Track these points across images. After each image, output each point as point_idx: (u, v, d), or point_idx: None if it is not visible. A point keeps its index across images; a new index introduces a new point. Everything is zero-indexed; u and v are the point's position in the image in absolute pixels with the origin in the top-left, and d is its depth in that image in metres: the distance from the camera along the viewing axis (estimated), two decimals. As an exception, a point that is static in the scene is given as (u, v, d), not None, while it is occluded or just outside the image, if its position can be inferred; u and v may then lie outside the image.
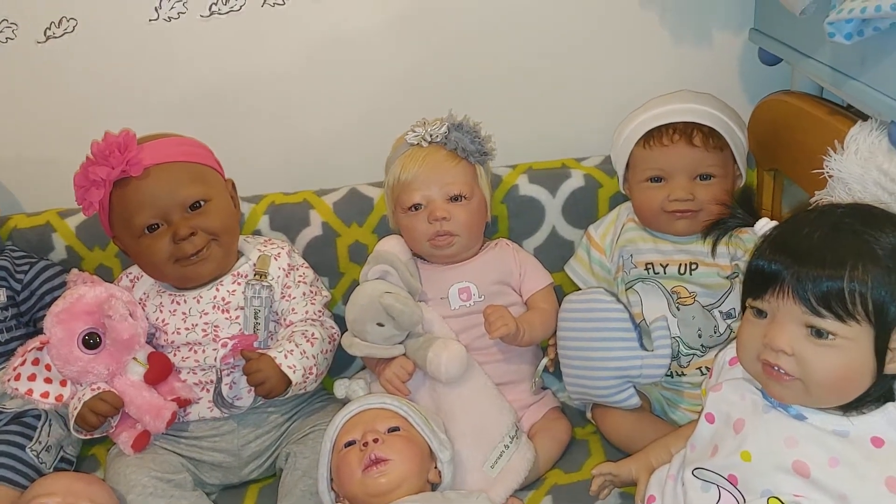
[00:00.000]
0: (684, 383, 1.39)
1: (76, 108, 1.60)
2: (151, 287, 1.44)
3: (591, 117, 1.64)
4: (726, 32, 1.61)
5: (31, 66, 1.58)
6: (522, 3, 1.58)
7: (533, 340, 1.43)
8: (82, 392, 1.33)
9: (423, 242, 1.43)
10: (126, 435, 1.35)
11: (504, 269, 1.47)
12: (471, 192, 1.42)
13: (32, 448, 1.39)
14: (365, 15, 1.57)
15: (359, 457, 1.20)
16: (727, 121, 1.40)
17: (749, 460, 0.99)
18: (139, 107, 1.57)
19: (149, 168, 1.33)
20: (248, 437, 1.39)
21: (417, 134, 1.43)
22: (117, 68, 1.58)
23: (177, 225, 1.34)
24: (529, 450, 1.35)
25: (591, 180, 1.57)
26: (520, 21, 1.59)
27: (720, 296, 1.39)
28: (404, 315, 1.33)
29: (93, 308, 1.34)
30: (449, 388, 1.35)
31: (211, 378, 1.38)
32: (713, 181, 1.38)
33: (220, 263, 1.40)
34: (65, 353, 1.32)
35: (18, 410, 1.43)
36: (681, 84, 1.51)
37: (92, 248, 1.57)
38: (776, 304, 0.95)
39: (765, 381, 0.99)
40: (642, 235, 1.45)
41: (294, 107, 1.63)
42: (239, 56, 1.59)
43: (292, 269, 1.46)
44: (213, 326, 1.39)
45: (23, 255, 1.51)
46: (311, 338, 1.38)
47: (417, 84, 1.62)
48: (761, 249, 0.99)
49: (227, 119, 1.61)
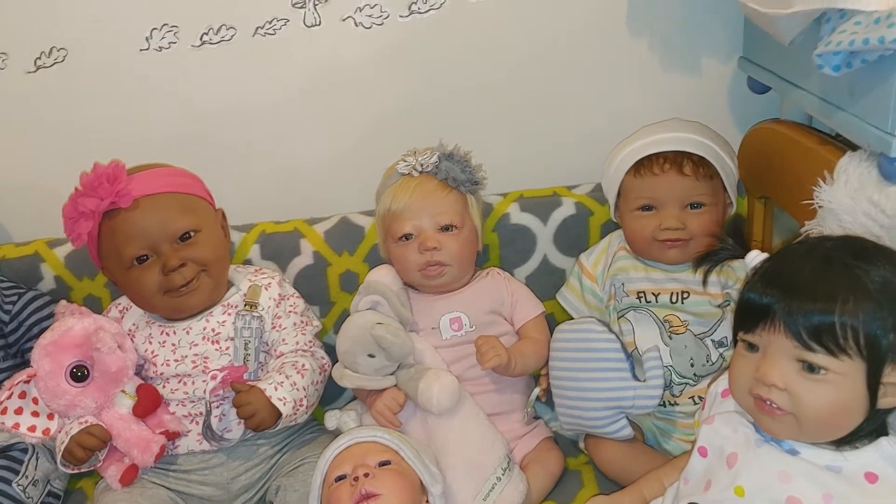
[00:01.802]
0: (677, 412, 1.38)
1: (66, 137, 1.59)
2: (141, 318, 1.43)
3: (581, 145, 1.64)
4: (715, 61, 1.62)
5: (20, 95, 1.57)
6: (513, 32, 1.59)
7: (525, 370, 1.42)
8: (70, 426, 1.32)
9: (414, 272, 1.42)
10: (114, 469, 1.34)
11: (495, 299, 1.46)
12: (462, 221, 1.42)
13: (19, 483, 1.37)
14: (356, 45, 1.58)
15: (349, 492, 1.19)
16: (717, 149, 1.41)
17: (743, 495, 0.98)
18: (129, 137, 1.57)
19: (138, 199, 1.33)
20: (238, 469, 1.38)
21: (408, 163, 1.43)
22: (107, 98, 1.58)
23: (166, 256, 1.33)
24: (522, 481, 1.33)
25: (583, 208, 1.57)
26: (510, 50, 1.60)
27: (712, 324, 1.38)
28: (395, 346, 1.32)
29: (81, 340, 1.33)
30: (441, 419, 1.34)
31: (200, 410, 1.37)
32: (704, 210, 1.38)
33: (210, 294, 1.39)
34: (52, 387, 1.31)
35: (5, 444, 1.41)
36: (671, 112, 1.52)
37: (81, 279, 1.56)
38: (767, 339, 0.95)
39: (757, 415, 0.99)
40: (634, 264, 1.45)
41: (285, 136, 1.63)
42: (230, 86, 1.59)
43: (283, 298, 1.45)
44: (203, 358, 1.38)
45: (11, 286, 1.50)
46: (301, 369, 1.37)
47: (408, 113, 1.62)
48: (752, 282, 0.99)
49: (217, 148, 1.61)
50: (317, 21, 1.56)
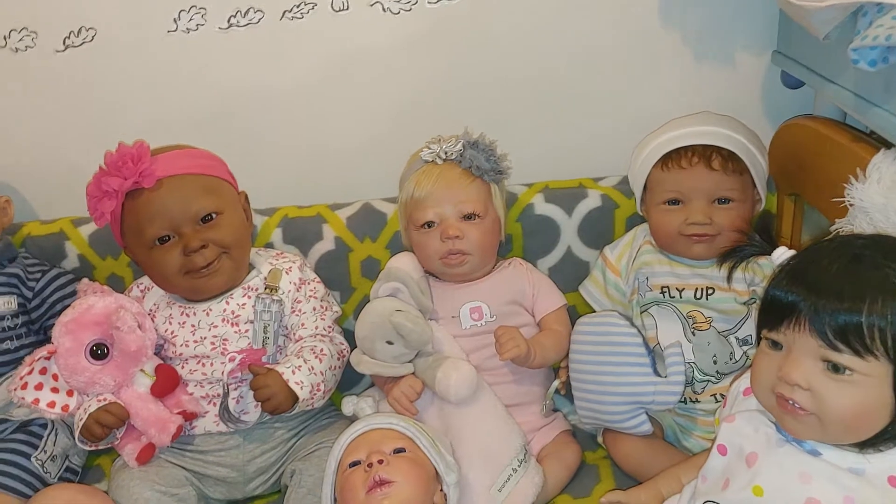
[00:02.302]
0: (698, 410, 1.36)
1: (92, 117, 1.60)
2: (162, 298, 1.43)
3: (609, 137, 1.62)
4: (749, 54, 1.59)
5: (49, 74, 1.58)
6: (542, 20, 1.57)
7: (544, 363, 1.41)
8: (88, 403, 1.33)
9: (436, 260, 1.41)
10: (131, 447, 1.35)
11: (517, 289, 1.45)
12: (484, 210, 1.41)
13: (38, 457, 1.39)
14: (383, 31, 1.57)
15: (363, 478, 1.19)
16: (747, 144, 1.38)
17: (761, 495, 0.96)
18: (154, 118, 1.57)
19: (161, 180, 1.33)
20: (254, 452, 1.38)
21: (432, 151, 1.42)
22: (134, 79, 1.59)
23: (188, 237, 1.34)
24: (538, 474, 1.32)
25: (609, 200, 1.55)
26: (539, 39, 1.58)
27: (737, 322, 1.36)
28: (414, 334, 1.32)
29: (101, 319, 1.33)
30: (458, 408, 1.33)
31: (218, 392, 1.37)
32: (732, 205, 1.36)
33: (230, 276, 1.39)
34: (72, 364, 1.32)
35: (25, 419, 1.43)
36: (701, 105, 1.50)
37: (104, 258, 1.57)
38: (792, 337, 0.93)
39: (779, 414, 0.97)
40: (659, 258, 1.43)
41: (310, 120, 1.63)
42: (256, 69, 1.59)
43: (303, 283, 1.45)
44: (222, 340, 1.38)
45: (35, 263, 1.51)
46: (319, 354, 1.36)
47: (433, 101, 1.61)
48: (778, 279, 0.97)
49: (242, 131, 1.61)
50: (345, 6, 1.55)
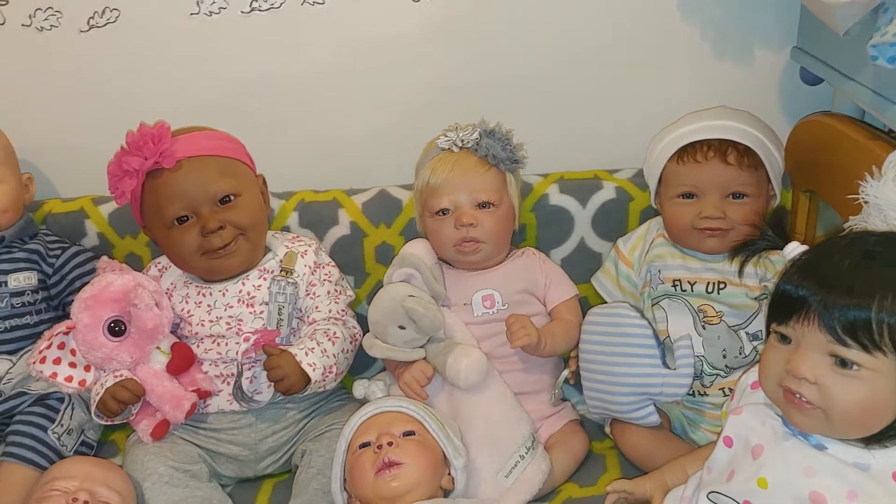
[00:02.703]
0: (706, 403, 1.37)
1: (114, 97, 1.62)
2: (179, 278, 1.45)
3: (625, 129, 1.63)
4: (768, 50, 1.59)
5: (72, 54, 1.60)
6: (561, 11, 1.57)
7: (555, 352, 1.42)
8: (105, 378, 1.35)
9: (449, 247, 1.42)
10: (146, 423, 1.37)
11: (529, 279, 1.46)
12: (499, 199, 1.42)
13: (54, 430, 1.41)
14: (403, 18, 1.58)
15: (372, 459, 1.20)
16: (764, 140, 1.38)
17: (765, 487, 0.97)
18: (175, 99, 1.59)
19: (181, 160, 1.35)
20: (266, 431, 1.40)
21: (449, 139, 1.42)
22: (156, 60, 1.60)
23: (206, 218, 1.35)
24: (545, 461, 1.34)
25: (623, 193, 1.56)
26: (558, 29, 1.59)
27: (747, 317, 1.37)
28: (426, 319, 1.33)
29: (119, 296, 1.35)
30: (467, 394, 1.34)
31: (232, 371, 1.39)
32: (746, 200, 1.36)
33: (247, 258, 1.41)
34: (90, 339, 1.34)
35: (42, 392, 1.46)
36: (719, 100, 1.49)
37: (123, 236, 1.59)
38: (801, 331, 0.93)
39: (786, 408, 0.97)
40: (671, 251, 1.43)
41: (328, 106, 1.64)
42: (276, 53, 1.60)
43: (318, 266, 1.46)
44: (237, 320, 1.40)
45: (56, 240, 1.54)
46: (332, 337, 1.38)
47: (451, 89, 1.62)
48: (789, 274, 0.97)
49: (261, 115, 1.63)
50: (366, -8, 1.56)
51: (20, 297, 1.46)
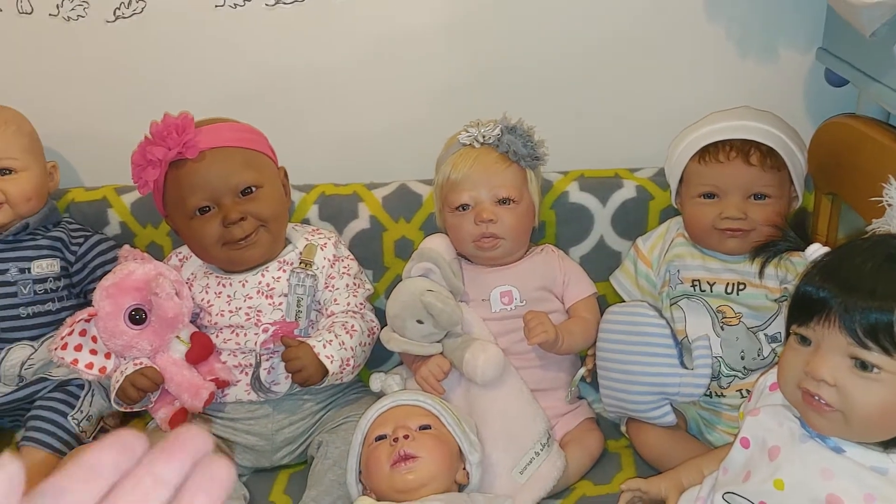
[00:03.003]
0: (723, 405, 1.37)
1: (139, 88, 1.63)
2: (199, 268, 1.46)
3: (647, 128, 1.62)
4: (793, 50, 1.58)
5: (98, 44, 1.61)
6: (586, 7, 1.57)
7: (572, 349, 1.42)
8: (125, 366, 1.36)
9: (469, 243, 1.43)
10: (164, 411, 1.38)
11: (548, 276, 1.46)
12: (519, 195, 1.42)
13: (74, 416, 1.43)
14: (427, 12, 1.58)
15: (388, 452, 1.21)
16: (787, 141, 1.37)
17: (782, 489, 0.97)
18: (199, 90, 1.59)
19: (204, 151, 1.36)
20: (283, 422, 1.41)
21: (470, 134, 1.43)
22: (181, 51, 1.61)
23: (227, 209, 1.36)
24: (560, 458, 1.34)
25: (643, 192, 1.55)
26: (582, 26, 1.58)
27: (767, 318, 1.36)
28: (444, 314, 1.33)
29: (141, 285, 1.36)
30: (484, 390, 1.35)
31: (250, 362, 1.40)
32: (768, 201, 1.35)
33: (267, 249, 1.42)
34: (111, 327, 1.35)
35: (63, 379, 1.47)
36: (742, 100, 1.48)
37: (145, 226, 1.60)
38: (821, 333, 0.93)
39: (804, 410, 0.97)
40: (691, 251, 1.43)
41: (351, 100, 1.65)
42: (300, 46, 1.61)
43: (337, 259, 1.47)
44: (256, 311, 1.41)
45: (78, 228, 1.55)
46: (350, 329, 1.39)
47: (474, 85, 1.62)
48: (810, 276, 0.97)
49: (283, 108, 1.63)
50: (390, -15, 1.57)
51: (43, 284, 1.48)
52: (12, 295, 1.46)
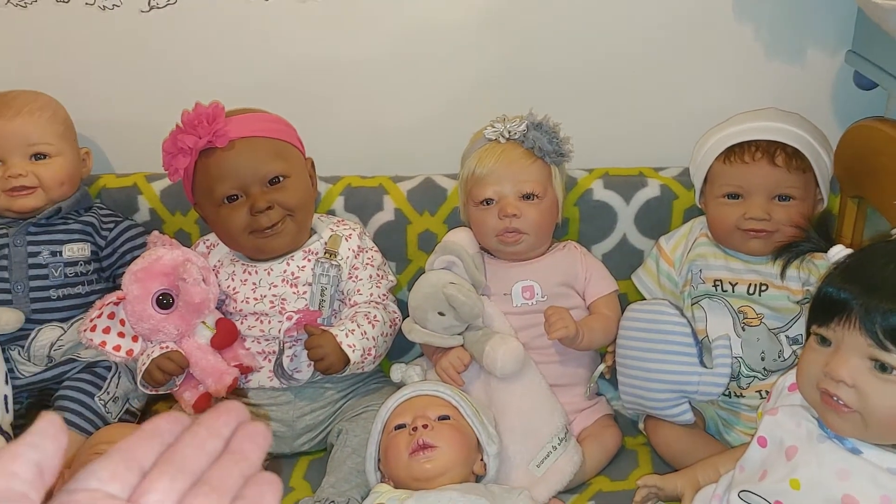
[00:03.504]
0: (742, 405, 1.37)
1: (171, 77, 1.65)
2: (226, 256, 1.49)
3: (673, 127, 1.62)
4: (822, 53, 1.57)
5: (133, 34, 1.64)
6: (614, 6, 1.57)
7: (591, 345, 1.43)
8: (151, 349, 1.39)
9: (492, 237, 1.44)
10: (188, 395, 1.40)
11: (569, 272, 1.47)
12: (543, 191, 1.43)
13: (101, 397, 1.46)
14: (456, 8, 1.59)
15: (407, 440, 1.23)
16: (813, 143, 1.37)
17: (798, 489, 0.97)
18: (230, 81, 1.61)
19: (234, 140, 1.38)
20: (304, 409, 1.43)
21: (496, 130, 1.44)
22: (213, 42, 1.63)
23: (255, 198, 1.38)
24: (577, 453, 1.35)
25: (668, 191, 1.56)
26: (609, 25, 1.59)
27: (788, 320, 1.36)
28: (465, 307, 1.35)
29: (169, 270, 1.39)
30: (503, 383, 1.36)
31: (273, 349, 1.42)
32: (792, 203, 1.35)
33: (293, 239, 1.44)
34: (139, 310, 1.38)
35: (91, 360, 1.50)
36: (770, 101, 1.49)
37: (174, 213, 1.62)
38: (841, 334, 0.93)
39: (822, 410, 0.97)
40: (714, 251, 1.43)
41: (378, 93, 1.66)
42: (330, 39, 1.62)
43: (362, 251, 1.49)
44: (281, 299, 1.43)
45: (109, 214, 1.58)
46: (372, 320, 1.40)
47: (501, 80, 1.63)
48: (832, 276, 0.97)
49: (312, 99, 1.65)
50: (420, -20, 1.58)
51: (73, 267, 1.51)
52: (44, 277, 1.49)
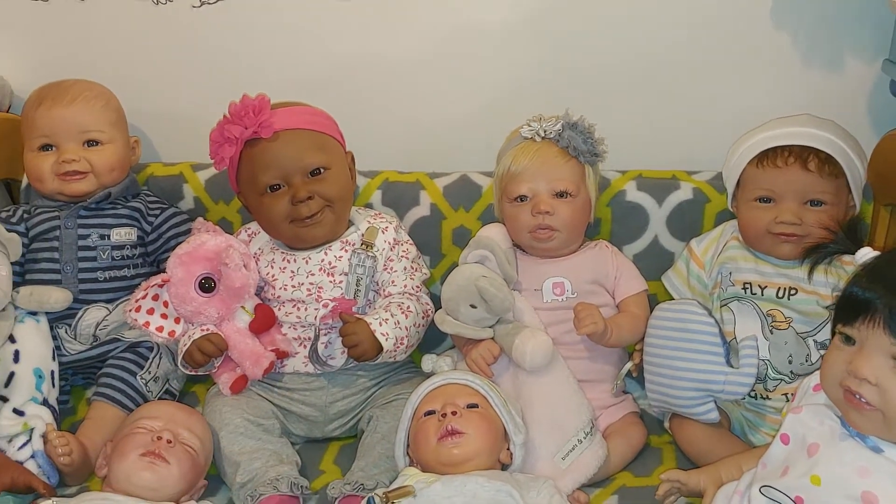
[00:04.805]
0: (768, 407, 1.38)
1: (219, 71, 1.71)
2: (266, 244, 1.53)
3: (708, 131, 1.64)
4: (859, 61, 1.58)
5: (184, 28, 1.70)
6: (652, 10, 1.60)
7: (620, 342, 1.45)
8: (192, 331, 1.44)
9: (525, 233, 1.47)
10: (226, 376, 1.45)
11: (600, 270, 1.49)
12: (577, 190, 1.45)
13: (143, 376, 1.51)
14: (495, 9, 1.62)
15: (436, 426, 1.26)
16: (846, 149, 1.38)
17: (818, 485, 0.99)
18: (276, 75, 1.66)
19: (278, 132, 1.42)
20: (336, 395, 1.47)
21: (532, 128, 1.47)
22: (261, 37, 1.69)
23: (296, 188, 1.43)
24: (602, 448, 1.37)
25: (700, 194, 1.58)
26: (647, 29, 1.61)
27: (817, 324, 1.37)
28: (497, 300, 1.38)
29: (212, 255, 1.44)
30: (531, 376, 1.38)
31: (309, 335, 1.46)
32: (823, 208, 1.36)
33: (331, 229, 1.48)
34: (182, 293, 1.43)
35: (134, 340, 1.55)
36: (805, 108, 1.49)
37: (217, 202, 1.68)
38: (865, 333, 0.95)
39: (845, 408, 0.99)
40: (744, 254, 1.44)
41: (417, 91, 1.70)
42: (372, 38, 1.67)
43: (397, 243, 1.53)
44: (318, 287, 1.47)
45: (155, 201, 1.64)
46: (406, 310, 1.44)
47: (537, 80, 1.66)
48: (858, 277, 0.99)
49: (353, 95, 1.69)
50: (463, -19, 1.61)
51: (120, 251, 1.57)
52: (92, 259, 1.55)
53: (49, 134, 1.56)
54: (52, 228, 1.56)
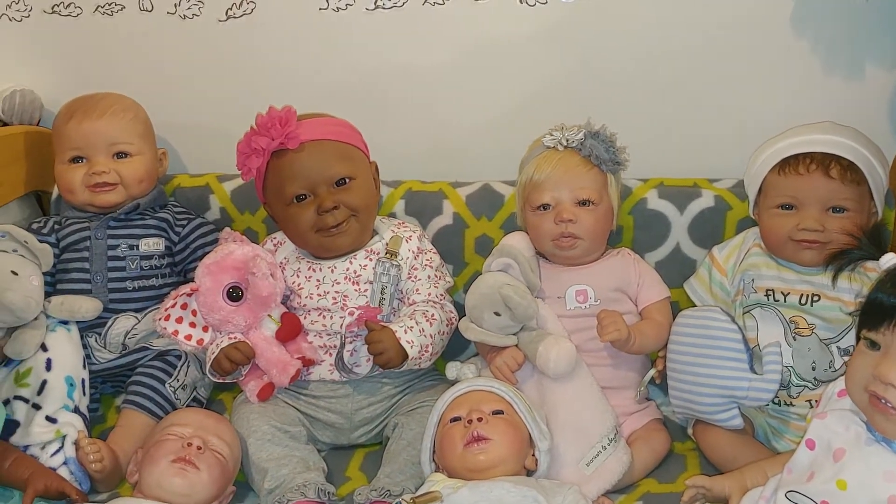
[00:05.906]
0: (792, 414, 1.38)
1: (245, 83, 1.74)
2: (292, 253, 1.55)
3: (729, 139, 1.65)
4: (880, 69, 1.59)
5: (210, 42, 1.73)
6: (671, 20, 1.61)
7: (643, 349, 1.46)
8: (220, 340, 1.46)
9: (548, 242, 1.48)
10: (253, 384, 1.47)
11: (623, 278, 1.50)
12: (599, 198, 1.46)
13: (171, 384, 1.53)
14: (516, 21, 1.64)
15: (462, 433, 1.27)
16: (868, 156, 1.39)
17: (844, 489, 0.99)
18: (301, 87, 1.69)
19: (304, 143, 1.45)
20: (362, 402, 1.49)
21: (555, 137, 1.48)
22: (286, 50, 1.72)
23: (322, 198, 1.45)
24: (626, 454, 1.37)
25: (722, 202, 1.58)
26: (668, 39, 1.62)
27: (840, 331, 1.37)
28: (521, 308, 1.39)
29: (240, 264, 1.46)
30: (555, 383, 1.39)
31: (335, 343, 1.48)
32: (846, 215, 1.37)
33: (356, 238, 1.50)
34: (210, 302, 1.45)
35: (163, 349, 1.58)
36: (827, 116, 1.50)
37: (243, 212, 1.70)
38: (891, 338, 0.96)
39: (870, 412, 0.99)
40: (766, 261, 1.45)
41: (440, 101, 1.72)
42: (395, 49, 1.69)
43: (421, 252, 1.54)
44: (343, 296, 1.49)
45: (182, 211, 1.67)
46: (430, 318, 1.46)
47: (560, 90, 1.68)
48: (883, 282, 0.99)
49: (377, 106, 1.72)
50: (484, -5, 1.63)
51: (149, 261, 1.60)
52: (121, 269, 1.58)
53: (79, 146, 1.59)
54: (82, 239, 1.59)
